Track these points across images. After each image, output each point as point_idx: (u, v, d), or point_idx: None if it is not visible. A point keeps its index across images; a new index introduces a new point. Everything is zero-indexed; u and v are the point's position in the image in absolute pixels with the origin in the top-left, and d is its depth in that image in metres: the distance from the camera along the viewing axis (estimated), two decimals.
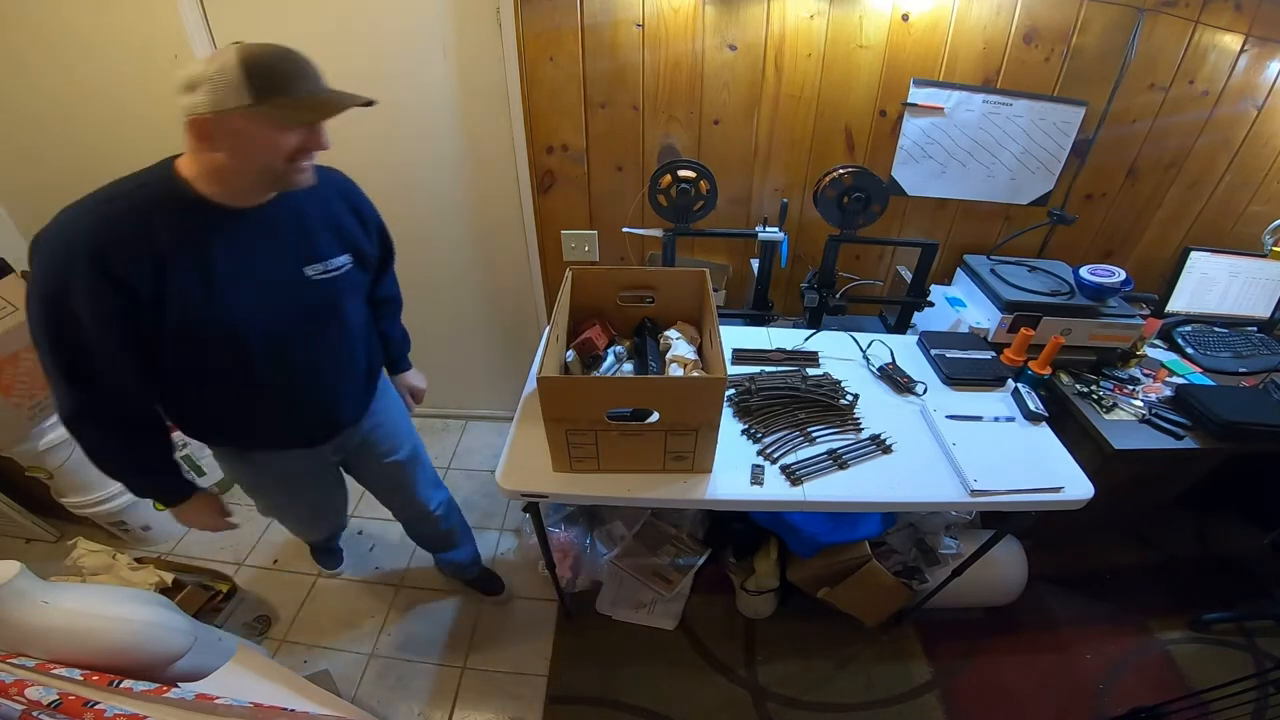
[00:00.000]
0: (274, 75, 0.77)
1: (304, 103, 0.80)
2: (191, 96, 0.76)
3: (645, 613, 1.73)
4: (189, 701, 0.78)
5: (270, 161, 0.83)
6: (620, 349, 1.27)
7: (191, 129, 0.78)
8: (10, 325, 1.43)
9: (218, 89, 0.75)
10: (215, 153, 0.80)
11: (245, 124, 0.78)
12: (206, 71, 0.75)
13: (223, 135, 0.79)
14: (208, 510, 1.13)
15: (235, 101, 0.76)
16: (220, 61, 0.75)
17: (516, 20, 1.45)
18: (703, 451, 1.08)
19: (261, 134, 0.80)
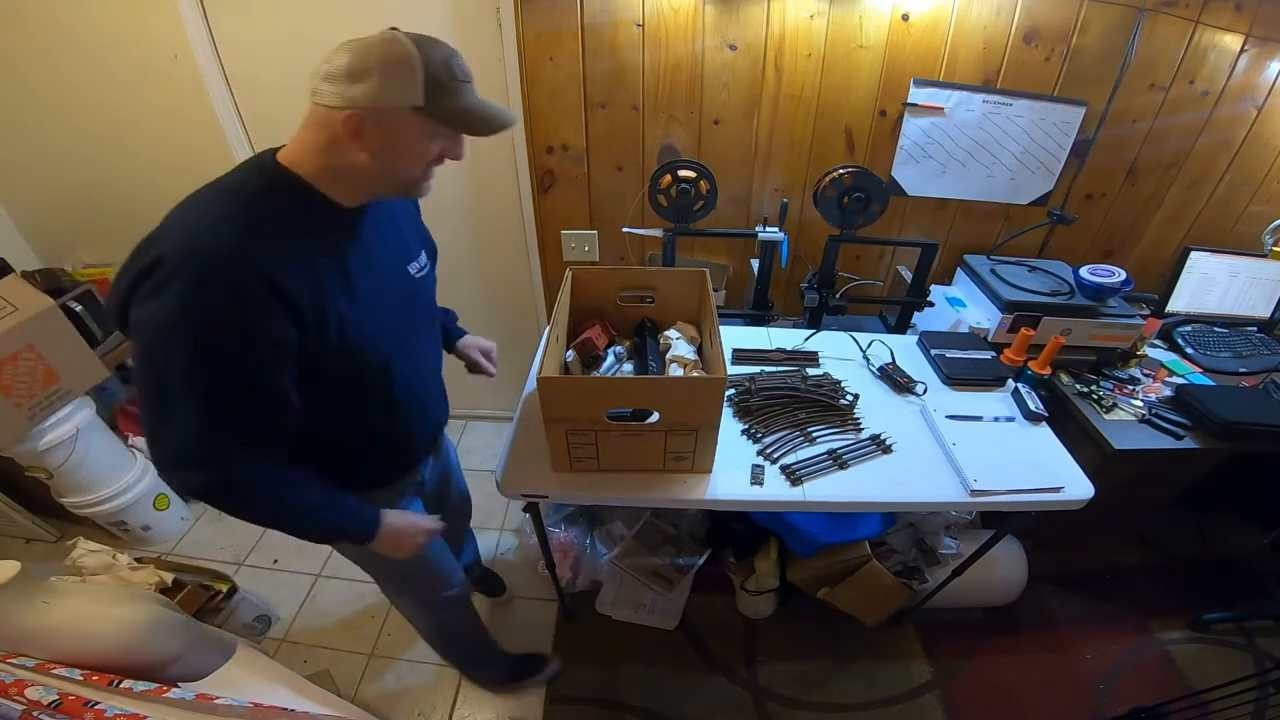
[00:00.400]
0: (446, 76, 0.71)
1: (471, 112, 0.75)
2: (354, 86, 0.68)
3: (645, 613, 1.73)
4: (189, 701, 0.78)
5: (411, 168, 0.77)
6: (620, 349, 1.27)
7: (347, 122, 0.69)
8: (10, 325, 1.43)
9: (391, 82, 0.68)
10: (359, 152, 0.72)
11: (405, 125, 0.72)
12: (377, 60, 0.68)
13: (377, 133, 0.71)
14: (407, 524, 0.96)
15: (407, 99, 0.70)
16: (394, 51, 0.68)
17: (516, 20, 1.45)
18: (703, 451, 1.08)
19: (416, 138, 0.74)
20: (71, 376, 1.57)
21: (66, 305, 1.61)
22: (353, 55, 0.68)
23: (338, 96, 0.69)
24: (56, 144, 1.72)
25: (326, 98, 0.69)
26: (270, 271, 0.68)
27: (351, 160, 0.73)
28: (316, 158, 0.74)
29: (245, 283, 0.67)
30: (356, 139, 0.71)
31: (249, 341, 0.69)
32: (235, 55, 1.56)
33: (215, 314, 0.66)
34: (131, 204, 1.82)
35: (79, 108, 1.65)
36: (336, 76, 0.68)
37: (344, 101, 0.68)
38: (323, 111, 0.71)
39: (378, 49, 0.68)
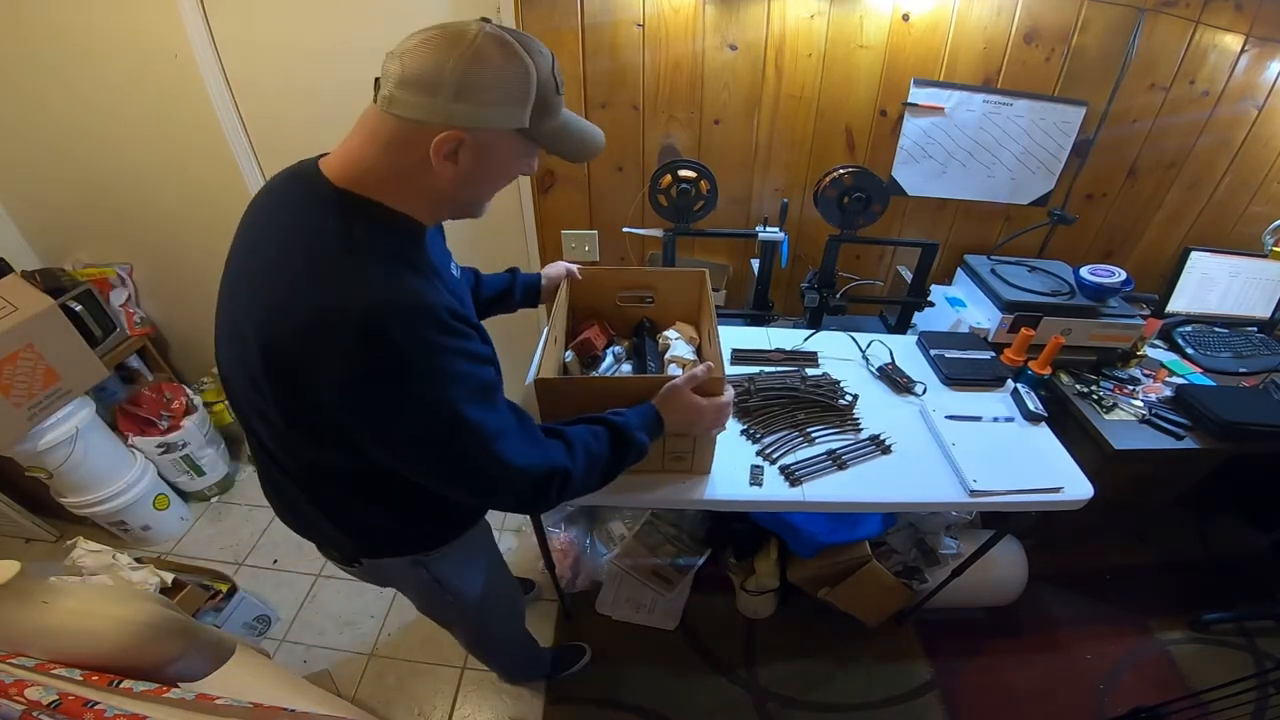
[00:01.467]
0: (551, 90, 0.63)
1: (570, 133, 0.68)
2: (458, 102, 0.57)
3: (645, 613, 1.73)
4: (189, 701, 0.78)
5: (486, 192, 0.70)
6: (619, 349, 1.27)
7: (441, 145, 0.59)
8: (10, 325, 1.43)
9: (504, 101, 0.59)
10: (444, 175, 0.62)
11: (504, 146, 0.64)
12: (495, 73, 0.58)
13: (472, 157, 0.62)
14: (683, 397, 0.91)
15: (519, 120, 0.62)
16: (511, 62, 0.58)
17: (517, 20, 1.45)
18: (701, 452, 1.08)
19: (510, 160, 0.66)
20: (71, 376, 1.57)
21: (66, 305, 1.61)
22: (452, 59, 0.56)
23: (432, 110, 0.58)
24: (57, 144, 1.72)
25: (411, 109, 0.58)
26: (448, 304, 0.65)
27: (431, 183, 0.63)
28: (398, 181, 0.64)
29: (443, 318, 0.63)
30: (450, 162, 0.61)
31: (480, 365, 0.68)
32: (235, 56, 1.56)
33: (451, 354, 0.63)
34: (131, 204, 1.83)
35: (79, 108, 1.65)
36: (427, 84, 0.57)
37: (442, 118, 0.58)
38: (401, 125, 0.60)
39: (494, 57, 0.57)
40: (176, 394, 1.97)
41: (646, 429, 0.87)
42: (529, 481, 0.72)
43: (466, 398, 0.65)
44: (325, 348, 0.59)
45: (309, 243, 0.62)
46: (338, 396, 0.62)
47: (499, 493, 0.72)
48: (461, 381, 0.64)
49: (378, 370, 0.60)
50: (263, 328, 0.62)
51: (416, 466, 0.70)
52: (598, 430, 0.82)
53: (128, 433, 1.86)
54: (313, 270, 0.61)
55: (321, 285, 0.60)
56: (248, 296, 0.65)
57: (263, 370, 0.63)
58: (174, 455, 1.92)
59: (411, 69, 0.57)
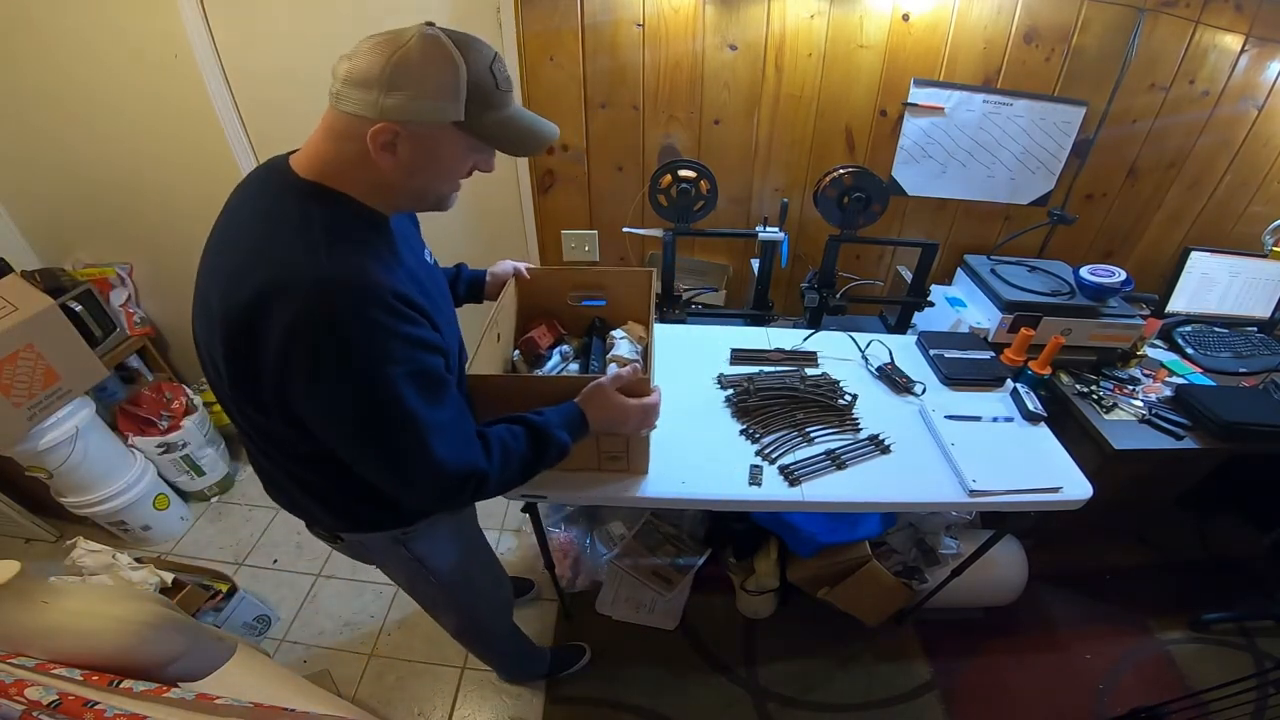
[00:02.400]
0: (489, 85, 0.65)
1: (513, 127, 0.70)
2: (388, 96, 0.61)
3: (645, 613, 1.73)
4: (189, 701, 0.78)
5: (442, 185, 0.72)
6: (567, 348, 1.26)
7: (376, 136, 0.63)
8: (10, 325, 1.43)
9: (432, 94, 0.62)
10: (388, 166, 0.66)
11: (442, 140, 0.66)
12: (417, 67, 0.60)
13: (410, 148, 0.65)
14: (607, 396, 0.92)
15: (448, 114, 0.64)
16: (436, 57, 0.61)
17: (516, 20, 1.45)
18: (636, 453, 1.08)
19: (452, 154, 0.69)
20: (71, 376, 1.57)
21: (66, 305, 1.61)
22: (386, 58, 0.60)
23: (367, 105, 0.62)
24: (57, 144, 1.72)
25: (352, 104, 0.63)
26: (400, 289, 0.67)
27: (377, 174, 0.67)
28: (348, 171, 0.68)
29: (393, 302, 0.66)
30: (387, 153, 0.65)
31: (425, 352, 0.69)
32: (235, 55, 1.56)
33: (391, 335, 0.65)
34: (131, 204, 1.83)
35: (79, 108, 1.65)
36: (365, 81, 0.61)
37: (375, 112, 0.62)
38: (347, 119, 0.64)
39: (417, 54, 0.61)
40: (176, 394, 1.97)
41: (568, 427, 0.88)
42: (447, 479, 0.73)
43: (403, 381, 0.67)
44: (270, 317, 0.62)
45: (269, 223, 0.67)
46: (277, 365, 0.64)
47: (415, 485, 0.73)
48: (400, 364, 0.66)
49: (317, 343, 0.63)
50: (221, 297, 0.67)
51: (342, 445, 0.72)
52: (516, 429, 0.83)
53: (128, 433, 1.86)
54: (268, 246, 0.65)
55: (274, 259, 0.64)
56: (214, 272, 0.70)
57: (219, 339, 0.67)
58: (174, 455, 1.92)
59: (356, 68, 0.62)
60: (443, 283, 0.93)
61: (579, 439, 0.90)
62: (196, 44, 1.51)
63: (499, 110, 0.68)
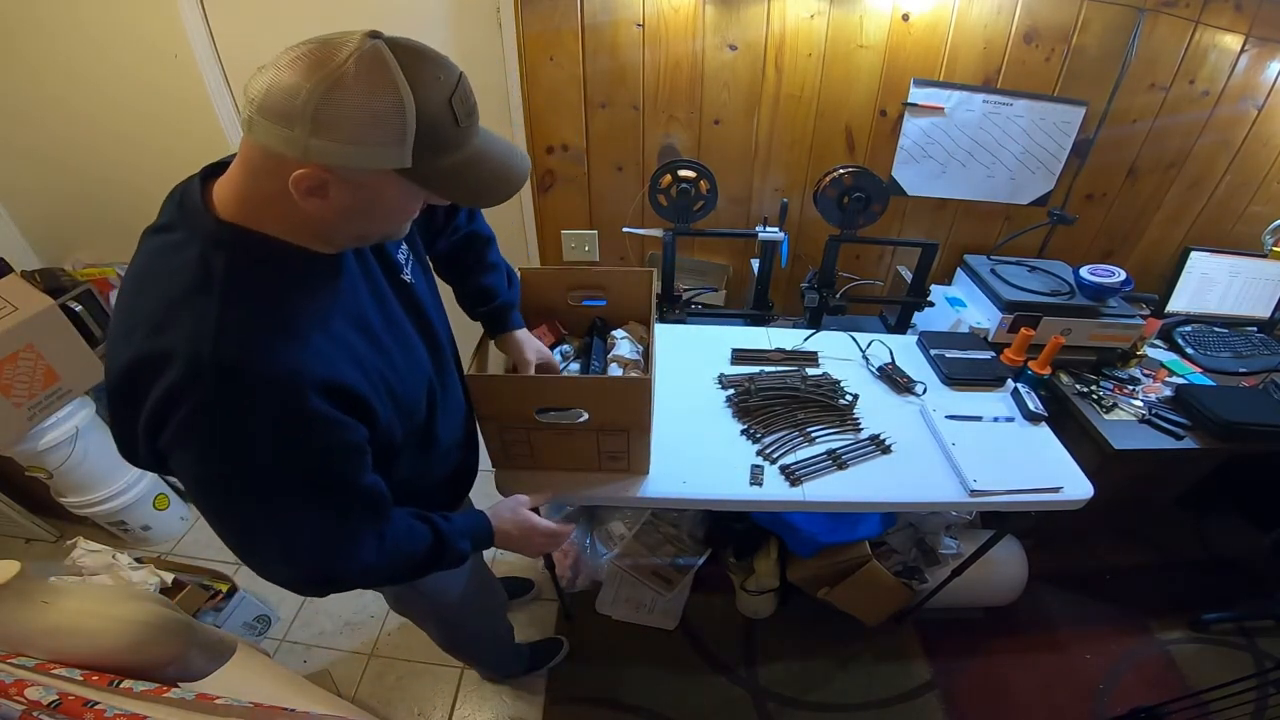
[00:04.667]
0: (445, 124, 0.54)
1: (472, 176, 0.58)
2: (315, 138, 0.49)
3: (645, 613, 1.73)
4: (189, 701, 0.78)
5: (386, 225, 0.63)
6: (568, 348, 1.26)
7: (300, 181, 0.52)
8: (10, 325, 1.43)
9: (369, 141, 0.51)
10: (310, 210, 0.55)
11: (383, 186, 0.55)
12: (353, 108, 0.49)
13: (344, 193, 0.55)
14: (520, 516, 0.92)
15: (391, 162, 0.52)
16: (377, 92, 0.49)
17: (516, 20, 1.45)
18: (636, 453, 1.07)
19: (395, 200, 0.58)
20: (71, 376, 1.57)
21: (66, 305, 1.60)
22: (312, 84, 0.48)
23: (288, 143, 0.50)
24: (56, 144, 1.72)
25: (268, 138, 0.50)
26: (318, 375, 0.56)
27: (304, 215, 0.56)
28: (271, 208, 0.56)
29: (296, 400, 0.55)
30: (315, 198, 0.54)
31: (325, 457, 0.60)
32: (235, 56, 1.56)
33: (281, 443, 0.56)
34: (132, 203, 1.83)
35: (79, 107, 1.65)
36: (285, 114, 0.49)
37: (298, 153, 0.50)
38: (263, 153, 0.53)
39: (353, 84, 0.49)
40: None
41: (471, 538, 0.84)
42: (308, 580, 0.68)
43: (281, 488, 0.59)
44: (143, 391, 0.54)
45: (163, 282, 0.57)
46: (146, 441, 0.56)
47: (268, 574, 0.67)
48: (284, 470, 0.58)
49: (189, 422, 0.54)
50: (106, 353, 0.60)
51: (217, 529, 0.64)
52: (419, 530, 0.76)
53: None
54: (156, 308, 0.55)
55: (158, 325, 0.54)
56: (118, 319, 0.61)
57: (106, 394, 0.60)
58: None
59: (272, 92, 0.49)
60: (426, 304, 0.81)
61: (479, 549, 0.87)
62: (196, 43, 1.51)
63: (455, 152, 0.56)
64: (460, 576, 1.08)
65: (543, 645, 1.64)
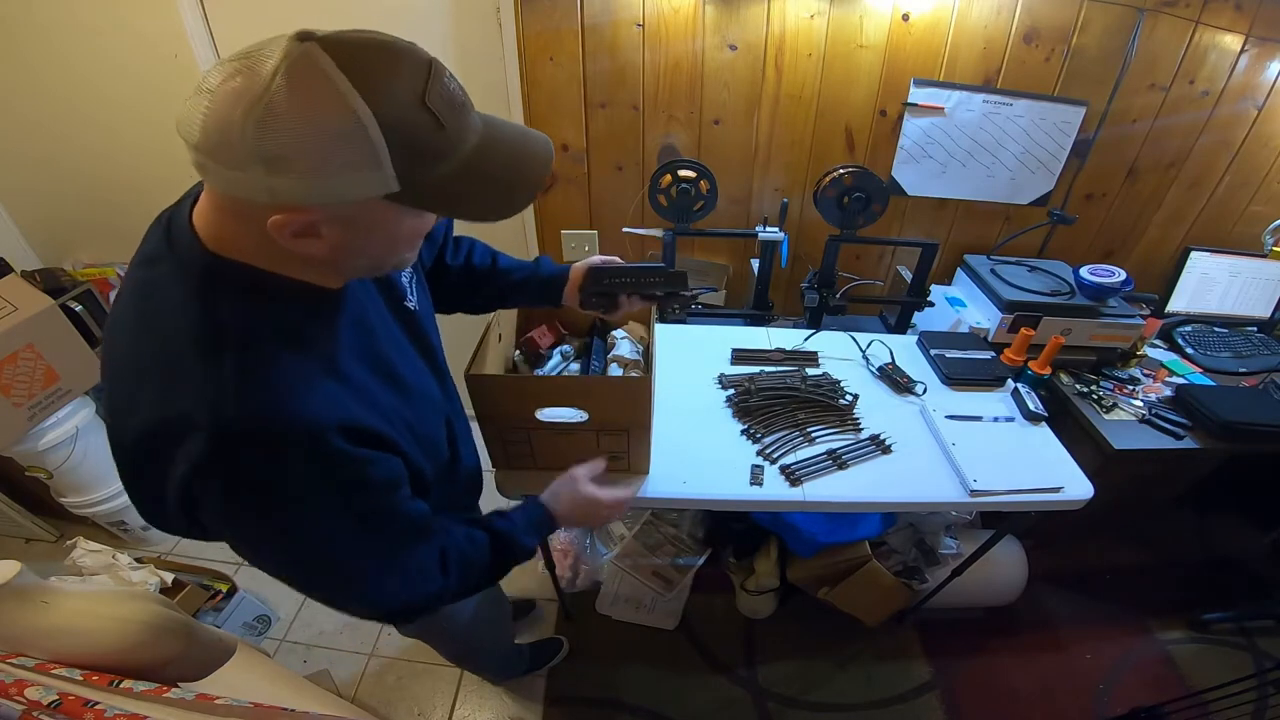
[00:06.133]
0: (424, 129, 0.46)
1: (478, 181, 0.50)
2: (273, 177, 0.42)
3: (645, 613, 1.73)
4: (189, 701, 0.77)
5: (399, 252, 0.57)
6: (568, 348, 1.26)
7: (278, 228, 0.46)
8: (10, 325, 1.43)
9: (335, 169, 0.43)
10: (305, 252, 0.50)
11: (379, 215, 0.49)
12: (297, 138, 0.41)
13: (338, 230, 0.49)
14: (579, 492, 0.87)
15: (373, 188, 0.45)
16: (315, 109, 0.42)
17: (516, 20, 1.45)
18: (637, 453, 1.07)
19: (399, 225, 0.52)
20: (71, 376, 1.57)
21: (66, 305, 1.60)
22: (244, 114, 0.41)
23: (250, 189, 0.43)
24: (56, 144, 1.72)
25: (225, 184, 0.45)
26: (334, 419, 0.53)
27: (309, 255, 0.50)
28: (263, 248, 0.50)
29: (322, 447, 0.52)
30: (309, 239, 0.48)
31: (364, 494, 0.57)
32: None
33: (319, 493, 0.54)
34: (132, 204, 1.83)
35: (79, 107, 1.65)
36: (232, 158, 0.42)
37: (266, 197, 0.44)
38: (230, 200, 0.47)
39: (287, 108, 0.41)
40: None
41: (534, 530, 0.83)
42: (390, 613, 0.69)
43: (338, 527, 0.57)
44: (166, 462, 0.50)
45: (162, 332, 0.52)
46: (180, 502, 0.54)
47: (357, 613, 0.69)
48: (334, 512, 0.56)
49: (227, 492, 0.52)
50: (110, 416, 0.55)
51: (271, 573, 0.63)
52: (478, 537, 0.76)
53: None
54: (160, 368, 0.51)
55: (167, 388, 0.50)
56: (107, 374, 0.57)
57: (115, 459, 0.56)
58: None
59: (209, 131, 0.42)
60: (429, 330, 0.78)
61: (544, 538, 0.84)
62: (196, 43, 1.51)
63: (450, 158, 0.48)
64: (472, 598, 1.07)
65: (542, 645, 1.63)
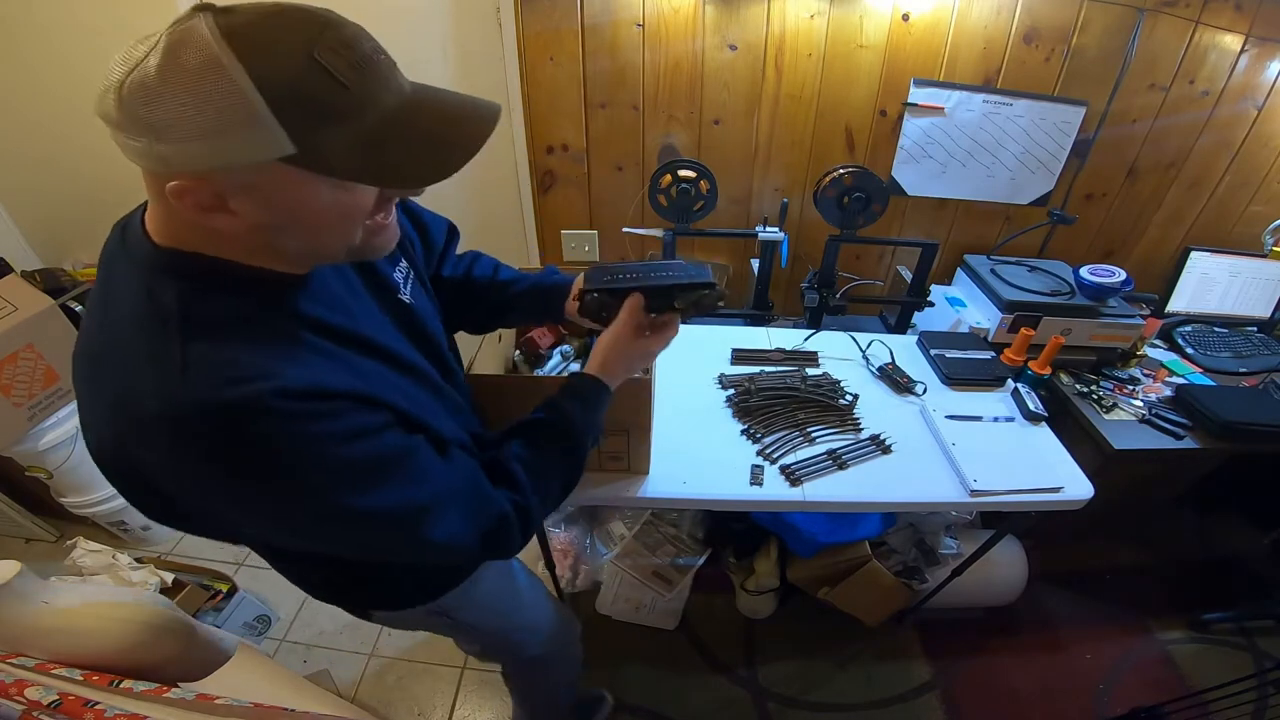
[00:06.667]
0: (319, 87, 0.42)
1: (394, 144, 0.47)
2: (159, 143, 0.42)
3: (645, 613, 1.73)
4: (189, 701, 0.78)
5: (338, 234, 0.51)
6: (568, 348, 1.26)
7: (179, 196, 0.44)
8: (10, 325, 1.43)
9: (215, 129, 0.41)
10: (227, 229, 0.47)
11: (288, 184, 0.45)
12: (162, 97, 0.41)
13: (250, 202, 0.46)
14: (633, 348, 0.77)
15: (261, 149, 0.42)
16: (184, 74, 0.41)
17: (516, 20, 1.45)
18: (637, 453, 1.07)
19: (317, 196, 0.47)
20: (71, 376, 1.57)
21: (66, 305, 1.60)
22: (124, 78, 0.42)
23: (147, 157, 0.43)
24: (56, 143, 1.72)
25: (134, 156, 0.44)
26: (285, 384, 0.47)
27: (230, 232, 0.47)
28: (206, 236, 0.48)
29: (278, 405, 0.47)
30: (220, 214, 0.46)
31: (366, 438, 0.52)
32: None
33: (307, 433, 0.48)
34: (132, 204, 1.83)
35: (79, 107, 1.65)
36: (125, 120, 0.42)
37: (159, 165, 0.43)
38: (145, 174, 0.46)
39: (164, 74, 0.41)
40: None
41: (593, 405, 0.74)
42: (472, 546, 0.61)
43: (351, 487, 0.52)
44: (137, 460, 0.48)
45: (114, 329, 0.50)
46: (187, 506, 0.51)
47: (437, 559, 0.63)
48: (337, 471, 0.51)
49: (220, 479, 0.48)
50: (85, 436, 0.52)
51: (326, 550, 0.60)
52: (534, 437, 0.70)
53: None
54: (113, 363, 0.49)
55: (121, 384, 0.47)
56: (78, 387, 0.54)
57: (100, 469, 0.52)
58: None
59: (106, 99, 0.44)
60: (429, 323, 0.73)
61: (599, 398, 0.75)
62: None
63: (354, 119, 0.44)
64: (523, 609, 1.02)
65: (588, 703, 1.53)
